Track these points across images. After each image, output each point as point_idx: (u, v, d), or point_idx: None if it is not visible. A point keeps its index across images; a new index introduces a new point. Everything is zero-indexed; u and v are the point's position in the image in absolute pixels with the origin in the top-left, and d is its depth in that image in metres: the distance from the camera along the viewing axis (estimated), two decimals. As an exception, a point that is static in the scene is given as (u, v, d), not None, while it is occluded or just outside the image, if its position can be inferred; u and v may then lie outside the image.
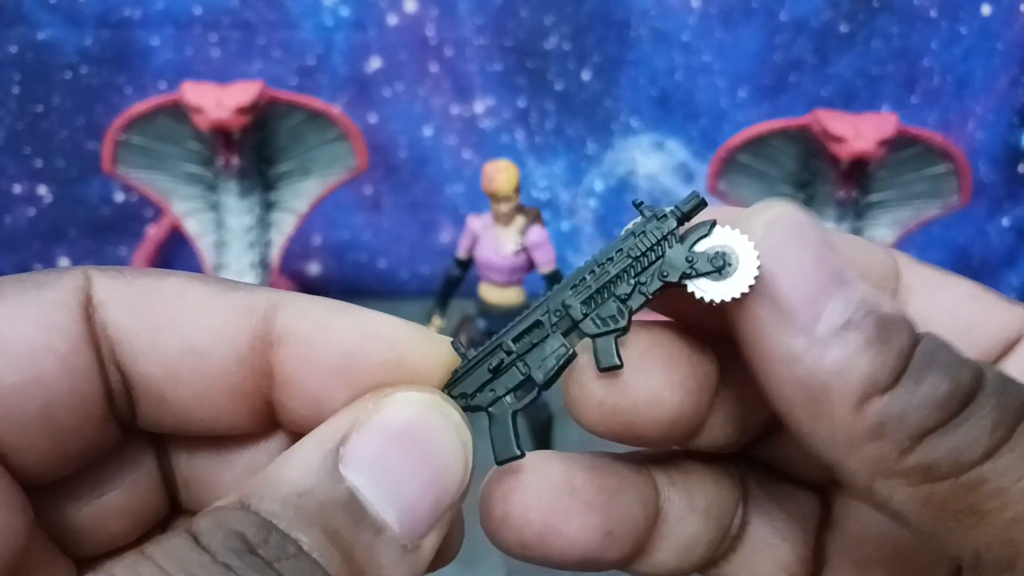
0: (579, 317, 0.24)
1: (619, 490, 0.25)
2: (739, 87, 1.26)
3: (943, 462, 0.20)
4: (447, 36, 1.24)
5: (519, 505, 0.24)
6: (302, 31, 1.23)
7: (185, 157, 1.11)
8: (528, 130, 1.30)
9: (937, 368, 0.21)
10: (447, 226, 1.33)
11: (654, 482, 0.26)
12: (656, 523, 0.26)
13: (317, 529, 0.20)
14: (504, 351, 0.24)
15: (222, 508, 0.20)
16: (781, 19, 1.23)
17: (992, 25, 1.22)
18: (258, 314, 0.23)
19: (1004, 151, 1.28)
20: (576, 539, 0.24)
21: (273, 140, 1.12)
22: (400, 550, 0.21)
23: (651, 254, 0.23)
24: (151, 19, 1.19)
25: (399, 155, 1.30)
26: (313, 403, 0.23)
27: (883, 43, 1.24)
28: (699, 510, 0.26)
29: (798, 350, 0.21)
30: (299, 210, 1.15)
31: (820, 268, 0.21)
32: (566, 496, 0.24)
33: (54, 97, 1.22)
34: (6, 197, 1.26)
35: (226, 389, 0.23)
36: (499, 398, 0.24)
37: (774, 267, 0.21)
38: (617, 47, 1.25)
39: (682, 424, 0.24)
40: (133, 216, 1.29)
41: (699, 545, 0.26)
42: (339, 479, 0.20)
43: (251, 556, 0.19)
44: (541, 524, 0.24)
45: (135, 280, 0.23)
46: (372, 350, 0.23)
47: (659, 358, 0.24)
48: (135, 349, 0.22)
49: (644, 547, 0.26)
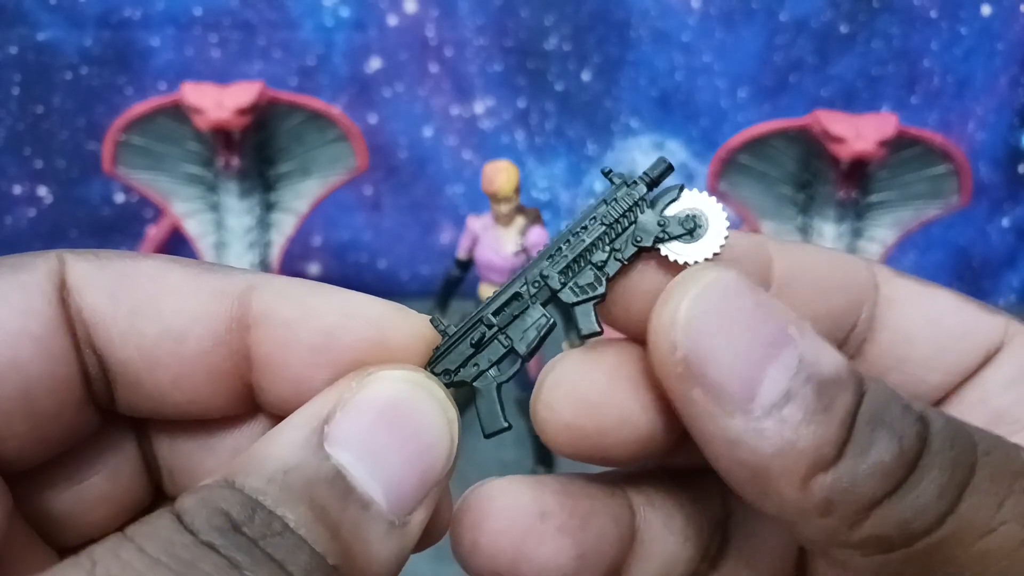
0: (557, 287, 0.24)
1: (592, 512, 0.25)
2: (739, 88, 1.26)
3: (895, 533, 0.20)
4: (447, 37, 1.24)
5: (489, 532, 0.24)
6: (302, 32, 1.23)
7: (185, 158, 1.11)
8: (528, 131, 1.30)
9: (883, 431, 0.20)
10: (447, 227, 1.33)
11: (630, 503, 0.26)
12: (632, 544, 0.26)
13: (304, 506, 0.19)
14: (485, 325, 0.24)
15: (207, 487, 0.20)
16: (781, 20, 1.23)
17: (992, 25, 1.22)
18: (234, 296, 0.23)
19: (1004, 152, 1.28)
20: (548, 564, 0.24)
21: (273, 141, 1.12)
22: (388, 526, 0.21)
23: (624, 220, 0.24)
24: (151, 20, 1.19)
25: (399, 156, 1.30)
26: (293, 384, 0.23)
27: (883, 44, 1.24)
28: (676, 530, 0.26)
29: (737, 432, 0.20)
30: (299, 211, 1.15)
31: (753, 339, 0.21)
32: (537, 521, 0.24)
33: (54, 98, 1.22)
34: (7, 198, 1.26)
35: (204, 372, 0.23)
36: (483, 372, 0.24)
37: (703, 350, 0.21)
38: (617, 48, 1.25)
39: (655, 444, 0.23)
40: (133, 217, 1.29)
41: (678, 563, 0.26)
42: (325, 456, 0.20)
43: (236, 534, 0.18)
44: (512, 551, 0.24)
45: (111, 263, 0.23)
46: (352, 329, 0.23)
47: (627, 378, 0.23)
48: (112, 332, 0.22)
49: (620, 569, 0.26)
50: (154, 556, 0.18)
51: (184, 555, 0.18)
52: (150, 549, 0.18)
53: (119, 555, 0.18)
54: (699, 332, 0.21)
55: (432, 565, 0.90)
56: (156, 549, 0.18)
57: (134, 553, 0.18)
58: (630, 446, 0.23)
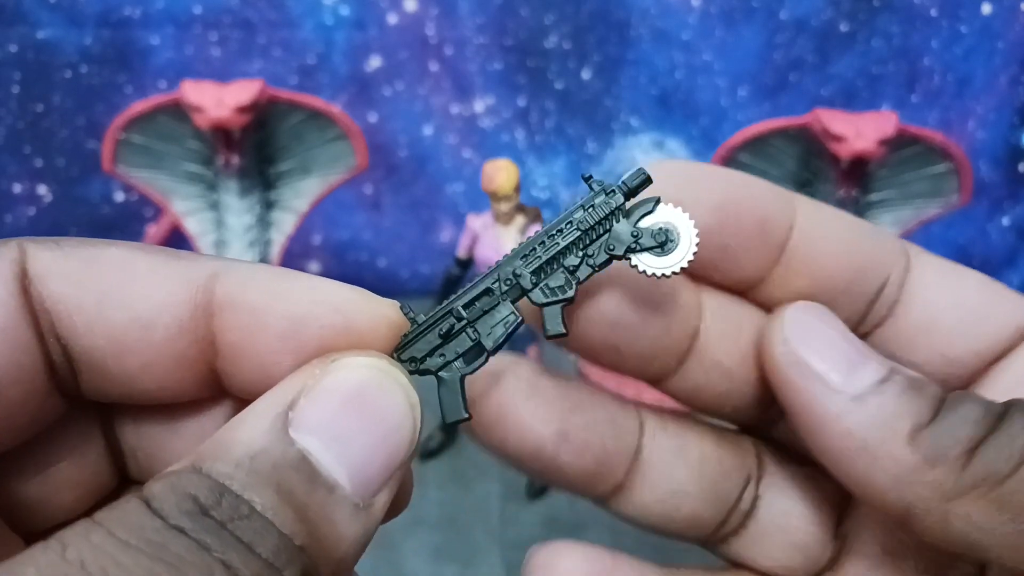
0: (528, 287, 0.25)
1: (588, 405, 0.26)
2: (739, 86, 1.26)
3: (1003, 463, 0.22)
4: (447, 35, 1.24)
5: (483, 389, 0.26)
6: (302, 30, 1.23)
7: (185, 156, 1.11)
8: (528, 129, 1.30)
9: (968, 400, 0.23)
10: (447, 225, 1.33)
11: (640, 420, 0.27)
12: (636, 459, 0.26)
13: (270, 490, 0.20)
14: (455, 317, 0.25)
15: (175, 472, 0.20)
16: (781, 18, 1.23)
17: (993, 24, 1.22)
18: (198, 283, 0.23)
19: (1005, 150, 1.28)
20: (527, 429, 0.25)
21: (273, 139, 1.12)
22: (352, 508, 0.21)
23: (599, 228, 0.24)
24: (151, 18, 1.19)
25: (399, 154, 1.30)
26: (259, 370, 0.23)
27: (883, 42, 1.24)
28: (689, 461, 0.27)
29: (844, 406, 0.23)
30: (299, 209, 1.15)
31: (848, 343, 0.24)
32: (525, 391, 0.26)
33: (54, 96, 1.22)
34: (6, 197, 1.26)
35: (171, 358, 0.23)
36: (449, 362, 0.25)
37: (807, 342, 0.23)
38: (617, 46, 1.25)
39: (622, 330, 0.25)
40: (133, 215, 1.29)
41: (687, 498, 0.27)
42: (290, 442, 0.20)
43: (204, 518, 0.19)
44: (498, 407, 0.25)
45: (75, 252, 0.23)
46: (318, 315, 0.23)
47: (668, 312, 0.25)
48: (77, 321, 0.22)
49: (622, 481, 0.26)
50: (124, 539, 0.18)
51: (155, 538, 0.18)
52: (120, 533, 0.18)
53: (89, 539, 0.18)
54: (806, 328, 0.24)
55: (432, 565, 0.90)
56: (126, 533, 0.18)
57: (104, 537, 0.18)
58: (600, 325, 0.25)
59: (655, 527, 0.27)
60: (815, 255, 0.25)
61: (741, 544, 0.28)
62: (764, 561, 0.27)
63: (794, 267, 0.25)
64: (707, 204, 0.24)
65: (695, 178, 0.24)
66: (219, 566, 0.18)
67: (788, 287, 0.25)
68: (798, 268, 0.25)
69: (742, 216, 0.24)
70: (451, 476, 1.00)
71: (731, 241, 0.24)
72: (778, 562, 0.27)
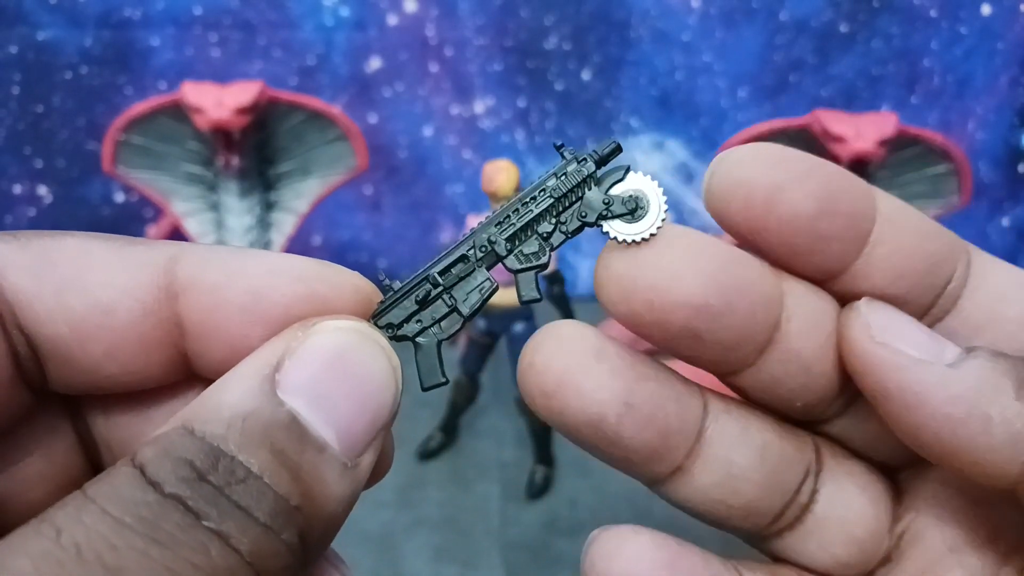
0: (503, 253, 0.25)
1: (654, 377, 0.25)
2: (740, 87, 1.26)
3: None
4: (447, 36, 1.24)
5: (545, 353, 0.24)
6: (302, 31, 1.23)
7: (185, 157, 1.11)
8: (528, 130, 1.30)
9: None
10: (447, 226, 1.33)
11: (704, 400, 0.26)
12: (698, 439, 0.26)
13: (264, 450, 0.20)
14: (431, 283, 0.25)
15: (165, 435, 0.20)
16: (781, 19, 1.23)
17: (993, 25, 1.22)
18: (159, 266, 0.23)
19: (1004, 151, 1.28)
20: (592, 397, 0.24)
21: (273, 140, 1.12)
22: (341, 468, 0.21)
23: (572, 195, 0.25)
24: (151, 19, 1.20)
25: (399, 155, 1.30)
26: (226, 347, 0.23)
27: (883, 43, 1.24)
28: (752, 447, 0.26)
29: (943, 375, 0.23)
30: (299, 210, 1.15)
31: (923, 329, 0.24)
32: (592, 356, 0.24)
33: (55, 97, 1.22)
34: (6, 197, 1.26)
35: (135, 342, 0.23)
36: (425, 328, 0.25)
37: (889, 328, 0.24)
38: (617, 47, 1.25)
39: (707, 316, 0.24)
40: (133, 216, 1.29)
41: (747, 484, 0.26)
42: (279, 403, 0.21)
43: (202, 483, 0.19)
44: (561, 372, 0.24)
45: (32, 243, 0.23)
46: (279, 287, 0.23)
47: (692, 247, 0.24)
48: (38, 311, 0.22)
49: (682, 463, 0.25)
50: (118, 517, 0.18)
51: (147, 514, 0.18)
52: (113, 510, 0.18)
53: (82, 520, 0.18)
54: (885, 315, 0.24)
55: (432, 565, 0.90)
56: (119, 509, 0.18)
57: (98, 516, 0.18)
58: (681, 310, 0.24)
59: (709, 514, 0.26)
60: (894, 248, 0.25)
61: (796, 538, 0.27)
62: (819, 555, 0.27)
63: (874, 260, 0.25)
64: (808, 192, 0.24)
65: (796, 165, 0.24)
66: (215, 540, 0.18)
67: (867, 280, 0.25)
68: (878, 261, 0.25)
69: (839, 206, 0.24)
70: (451, 476, 0.99)
71: (826, 231, 0.24)
72: (834, 557, 0.27)
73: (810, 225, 0.24)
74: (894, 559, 0.27)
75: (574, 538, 0.94)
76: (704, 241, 0.24)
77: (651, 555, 0.25)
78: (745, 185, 0.24)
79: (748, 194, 0.24)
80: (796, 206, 0.23)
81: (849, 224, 0.24)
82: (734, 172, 0.24)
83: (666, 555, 0.25)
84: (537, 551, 0.92)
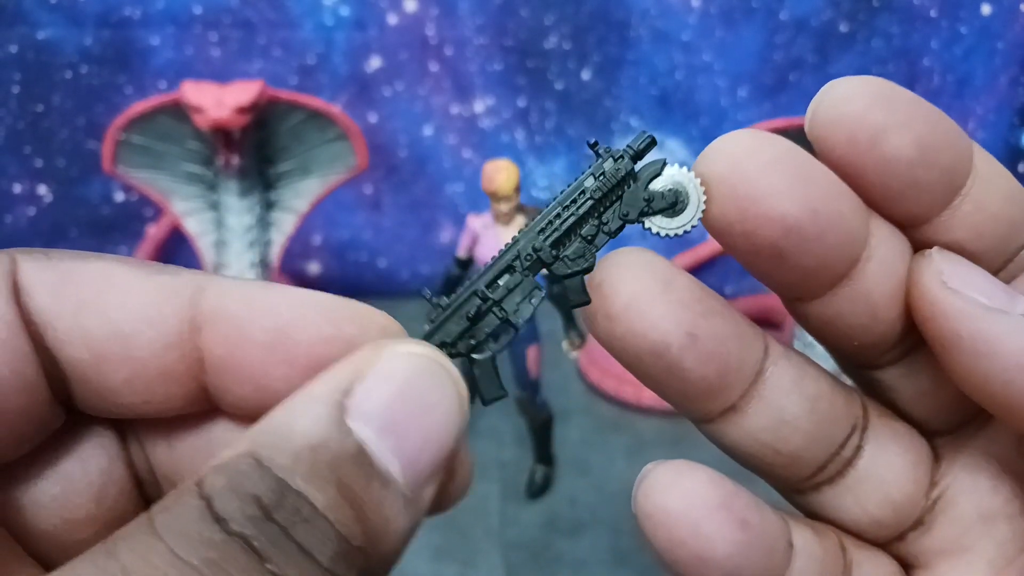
0: (549, 260, 0.25)
1: (720, 313, 0.25)
2: (739, 86, 1.26)
3: None
4: (447, 36, 1.24)
5: (614, 276, 0.25)
6: (302, 30, 1.23)
7: (185, 156, 1.11)
8: (528, 129, 1.30)
9: None
10: (447, 225, 1.34)
11: (765, 342, 0.26)
12: (755, 381, 0.25)
13: (331, 486, 0.19)
14: (480, 298, 0.25)
15: (234, 463, 0.19)
16: (781, 18, 1.23)
17: (992, 25, 1.22)
18: (184, 298, 0.23)
19: (1004, 151, 1.28)
20: (658, 325, 0.24)
21: (273, 139, 1.12)
22: (404, 501, 0.21)
23: (612, 195, 0.25)
24: (151, 19, 1.20)
25: (399, 155, 1.30)
26: (249, 383, 0.23)
27: (883, 42, 1.24)
28: (806, 395, 0.26)
29: (1016, 323, 0.22)
30: (299, 209, 1.15)
31: (995, 281, 0.24)
32: (659, 286, 0.24)
33: (54, 97, 1.22)
34: (6, 197, 1.26)
35: (156, 373, 0.23)
36: (480, 344, 0.25)
37: (962, 277, 0.23)
38: (617, 47, 1.25)
39: (796, 237, 0.23)
40: (133, 216, 1.30)
41: (796, 432, 0.26)
42: (348, 432, 0.20)
43: (267, 523, 0.18)
44: (629, 296, 0.24)
45: (59, 263, 0.23)
46: (304, 324, 0.23)
47: (791, 170, 0.24)
48: (59, 332, 0.22)
49: (736, 402, 0.25)
50: (186, 559, 0.18)
51: (213, 555, 0.18)
52: (182, 551, 0.18)
53: (151, 560, 0.18)
54: (957, 265, 0.24)
55: (432, 565, 0.90)
56: (187, 550, 0.18)
57: (166, 558, 0.18)
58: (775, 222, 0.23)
59: (756, 457, 0.26)
60: (981, 207, 0.24)
61: (834, 493, 0.27)
62: (856, 512, 0.27)
63: (960, 215, 0.24)
64: (913, 139, 0.23)
65: (905, 107, 0.24)
66: None
67: (948, 233, 0.24)
68: (963, 216, 0.24)
69: (940, 157, 0.24)
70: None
71: (922, 178, 0.24)
72: (869, 515, 0.27)
73: (908, 171, 0.23)
74: (927, 523, 0.27)
75: (574, 538, 0.94)
76: (810, 164, 0.24)
77: (708, 491, 0.24)
78: (851, 121, 0.24)
79: (853, 131, 0.24)
80: (899, 151, 0.23)
81: (945, 176, 0.24)
82: (842, 106, 0.24)
83: (722, 492, 0.25)
84: (537, 551, 0.93)
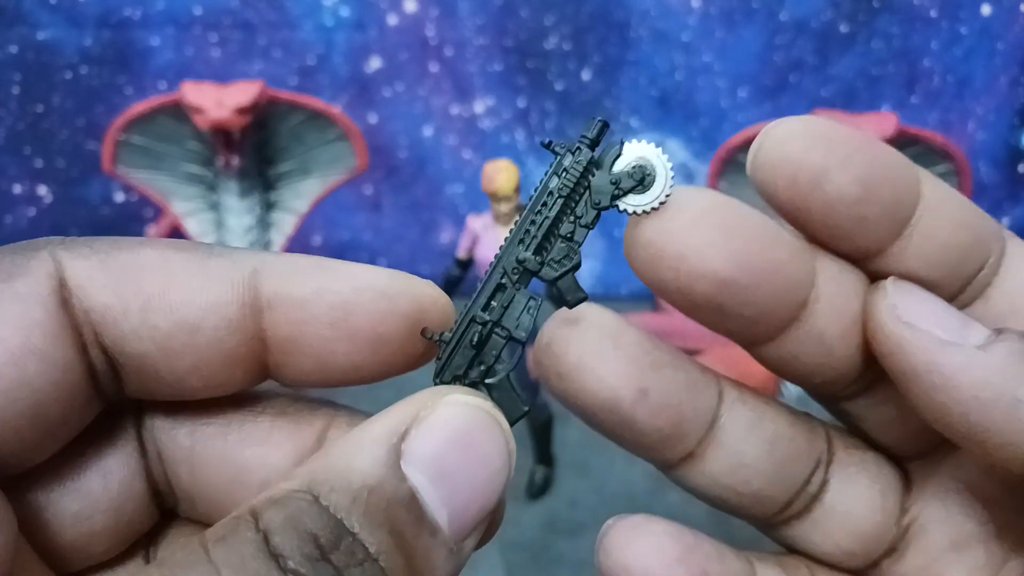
0: (536, 268, 0.25)
1: (670, 365, 0.25)
2: (739, 87, 1.26)
3: None
4: (447, 36, 1.24)
5: (563, 336, 0.25)
6: (302, 31, 1.23)
7: (185, 157, 1.11)
8: (528, 130, 1.30)
9: None
10: (447, 226, 1.34)
11: (720, 389, 0.26)
12: (711, 427, 0.26)
13: (384, 531, 0.19)
14: (479, 323, 0.25)
15: (293, 498, 0.19)
16: (782, 19, 1.23)
17: (992, 25, 1.22)
18: (243, 282, 0.23)
19: (1004, 151, 1.28)
20: (607, 381, 0.24)
21: (273, 140, 1.12)
22: (448, 552, 0.21)
23: (579, 188, 0.25)
24: (151, 19, 1.20)
25: (399, 155, 1.30)
26: (313, 361, 0.24)
27: (883, 43, 1.24)
28: (764, 437, 0.26)
29: (970, 356, 0.22)
30: (299, 210, 1.15)
31: (951, 310, 0.24)
32: (607, 343, 0.25)
33: (54, 97, 1.22)
34: (6, 197, 1.26)
35: (220, 358, 0.23)
36: (491, 367, 0.25)
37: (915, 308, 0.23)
38: (617, 47, 1.25)
39: (731, 290, 0.23)
40: (133, 216, 1.30)
41: (757, 474, 0.26)
42: (402, 477, 0.20)
43: (323, 564, 0.19)
44: (578, 355, 0.25)
45: (111, 258, 0.23)
46: (365, 301, 0.24)
47: (723, 218, 0.24)
48: (123, 330, 0.22)
49: (694, 449, 0.26)
50: None
51: None
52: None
53: None
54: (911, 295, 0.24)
55: (432, 565, 0.91)
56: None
57: None
58: (707, 281, 0.23)
59: (719, 499, 0.26)
60: (931, 235, 0.24)
61: (804, 527, 0.27)
62: (825, 546, 0.27)
63: (913, 243, 0.24)
64: (854, 177, 0.23)
65: (845, 145, 0.24)
66: None
67: (901, 263, 0.24)
68: (916, 244, 0.24)
69: (883, 191, 0.24)
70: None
71: (868, 215, 0.24)
72: (840, 547, 0.27)
73: (852, 209, 0.24)
74: (899, 550, 0.27)
75: (574, 538, 0.94)
76: (737, 213, 0.24)
77: (666, 546, 0.25)
78: (792, 163, 0.24)
79: (794, 173, 0.24)
80: (841, 190, 0.23)
81: (890, 210, 0.24)
82: (782, 147, 0.24)
83: (681, 547, 0.25)
84: (537, 551, 0.92)
